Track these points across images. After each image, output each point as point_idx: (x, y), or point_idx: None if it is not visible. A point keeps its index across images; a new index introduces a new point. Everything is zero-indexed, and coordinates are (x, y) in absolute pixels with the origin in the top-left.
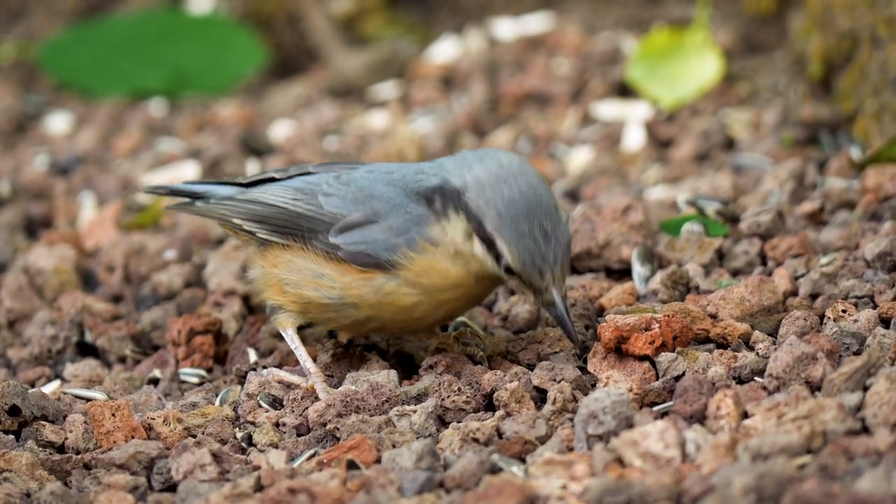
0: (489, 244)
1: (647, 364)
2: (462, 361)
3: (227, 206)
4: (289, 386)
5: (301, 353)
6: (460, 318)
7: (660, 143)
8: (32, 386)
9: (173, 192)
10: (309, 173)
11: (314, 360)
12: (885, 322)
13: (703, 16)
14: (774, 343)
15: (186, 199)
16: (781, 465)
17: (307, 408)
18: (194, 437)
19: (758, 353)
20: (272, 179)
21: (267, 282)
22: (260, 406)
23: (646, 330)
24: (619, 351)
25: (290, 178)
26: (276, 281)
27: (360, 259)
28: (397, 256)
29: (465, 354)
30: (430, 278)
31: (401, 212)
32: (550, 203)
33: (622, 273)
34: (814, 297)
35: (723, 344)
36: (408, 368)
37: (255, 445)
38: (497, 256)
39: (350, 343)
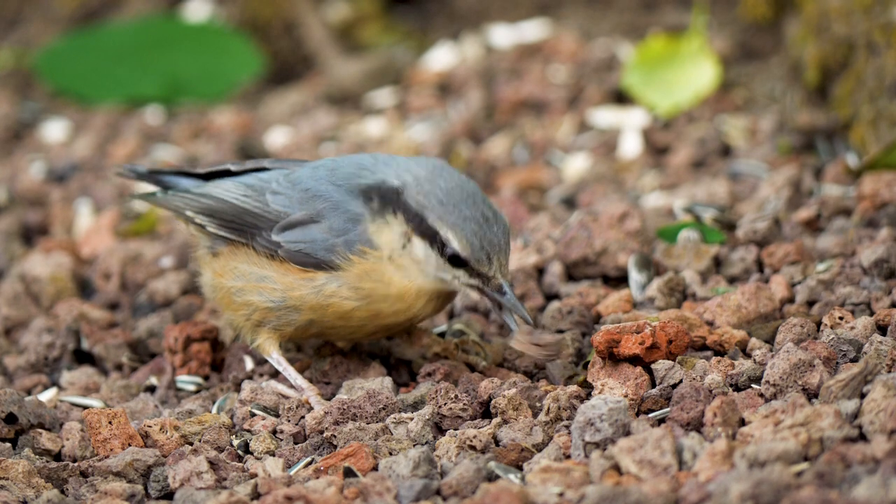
0: (432, 238)
1: (639, 369)
2: (460, 369)
3: (181, 199)
4: (285, 397)
5: (290, 372)
6: (458, 326)
7: (656, 150)
8: (29, 394)
9: (151, 180)
10: (264, 169)
11: (309, 367)
12: (881, 329)
13: (700, 22)
14: (771, 350)
15: (156, 189)
16: (778, 472)
17: (304, 416)
18: (191, 444)
19: (755, 361)
20: (228, 172)
21: (217, 294)
22: (256, 414)
23: (636, 332)
24: (613, 357)
25: (245, 172)
26: (225, 292)
27: (299, 258)
28: (335, 257)
29: (465, 363)
30: (371, 284)
31: (340, 211)
32: (484, 195)
33: (619, 280)
34: (811, 304)
35: (720, 351)
36: (406, 376)
37: (251, 453)
38: (441, 248)
39: (351, 350)
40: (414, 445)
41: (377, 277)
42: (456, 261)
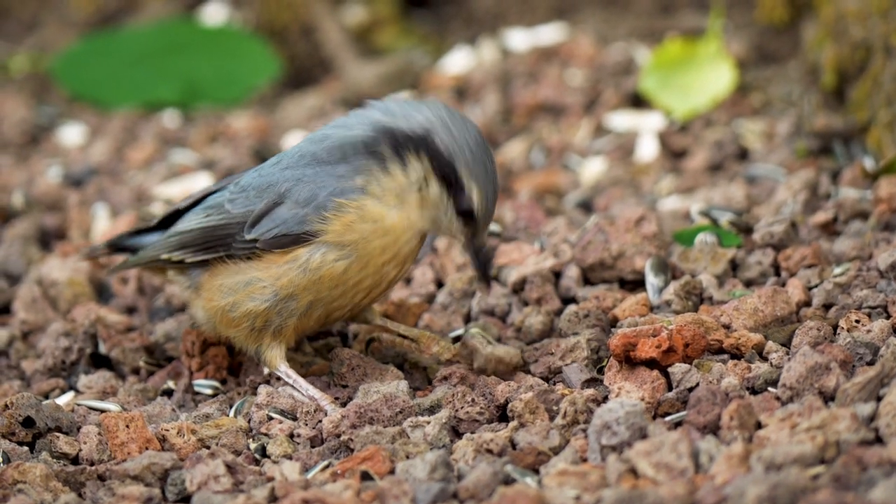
0: (451, 185)
1: (656, 373)
2: (476, 372)
3: (152, 249)
4: (302, 401)
5: (300, 384)
6: (474, 329)
7: (673, 154)
8: (46, 397)
9: (117, 248)
10: (211, 193)
11: (326, 373)
12: None
13: (716, 26)
14: (788, 353)
15: (127, 255)
16: (795, 475)
17: (321, 419)
18: (208, 448)
19: (771, 364)
20: (177, 212)
21: (214, 318)
22: (273, 417)
23: (653, 336)
24: (630, 360)
25: (194, 203)
26: (221, 313)
27: (276, 242)
28: (308, 226)
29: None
30: (357, 231)
31: (305, 183)
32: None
33: (636, 284)
34: (827, 307)
35: (736, 354)
36: (419, 380)
37: (268, 457)
38: (456, 197)
39: (367, 354)
40: (431, 449)
41: (363, 220)
42: (467, 213)
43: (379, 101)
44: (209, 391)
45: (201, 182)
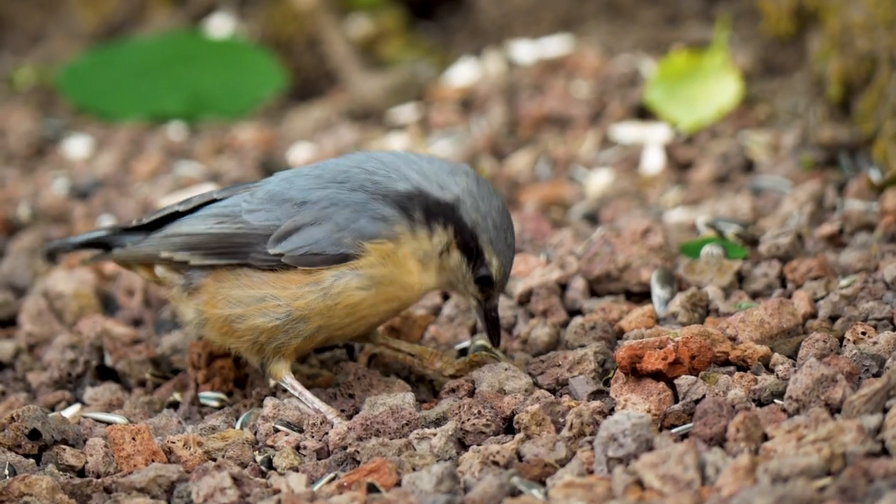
0: (471, 255)
1: (662, 384)
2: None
3: (150, 244)
4: (308, 413)
5: (306, 396)
6: (480, 342)
7: (679, 166)
8: (52, 410)
9: (79, 246)
10: (214, 200)
11: (331, 384)
12: None
13: (722, 38)
14: (794, 365)
15: (97, 251)
16: (801, 487)
17: (327, 431)
18: (214, 460)
19: (777, 376)
20: (176, 214)
21: (210, 327)
22: (280, 430)
23: (659, 347)
24: (636, 372)
25: (196, 208)
26: (222, 322)
27: (305, 260)
28: (343, 248)
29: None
30: (388, 268)
31: (348, 209)
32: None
33: (642, 296)
34: (833, 319)
35: (742, 366)
36: (425, 392)
37: (275, 469)
38: (475, 266)
39: (373, 366)
40: (437, 461)
41: (397, 262)
42: (484, 281)
43: (415, 156)
44: (215, 403)
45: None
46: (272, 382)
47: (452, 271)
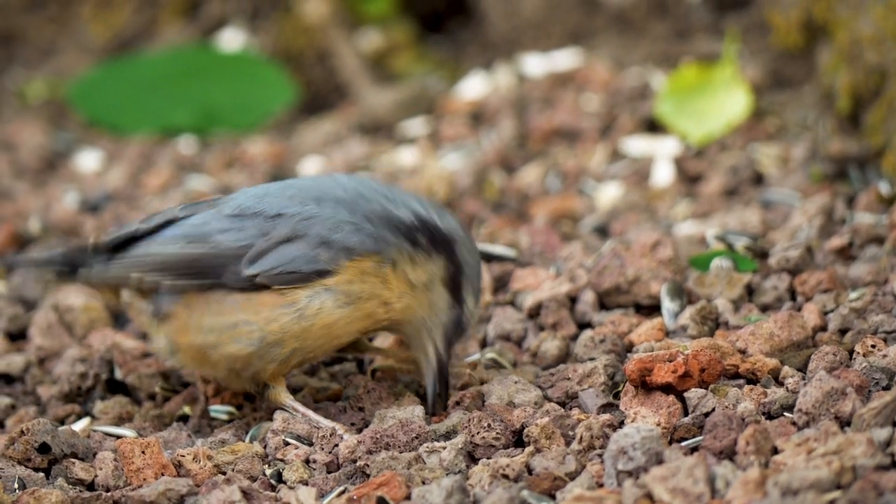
0: (451, 294)
1: (672, 397)
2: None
3: (118, 265)
4: (317, 427)
5: (310, 416)
6: (490, 355)
7: (689, 179)
8: (62, 423)
9: (41, 263)
10: (177, 218)
11: (340, 397)
12: None
13: (732, 51)
14: (804, 378)
15: (60, 270)
16: (811, 500)
17: (337, 444)
18: (224, 473)
19: (787, 389)
20: (134, 236)
21: (184, 356)
22: (290, 443)
23: (669, 361)
24: (646, 385)
25: (158, 228)
26: (195, 351)
27: (280, 279)
28: (321, 265)
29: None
30: (367, 283)
31: (328, 222)
32: None
33: (651, 309)
34: (843, 332)
35: (752, 379)
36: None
37: (284, 482)
38: (452, 307)
39: (382, 378)
40: (447, 474)
41: (383, 279)
42: (457, 325)
43: (406, 193)
44: (225, 416)
45: None
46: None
47: (431, 306)
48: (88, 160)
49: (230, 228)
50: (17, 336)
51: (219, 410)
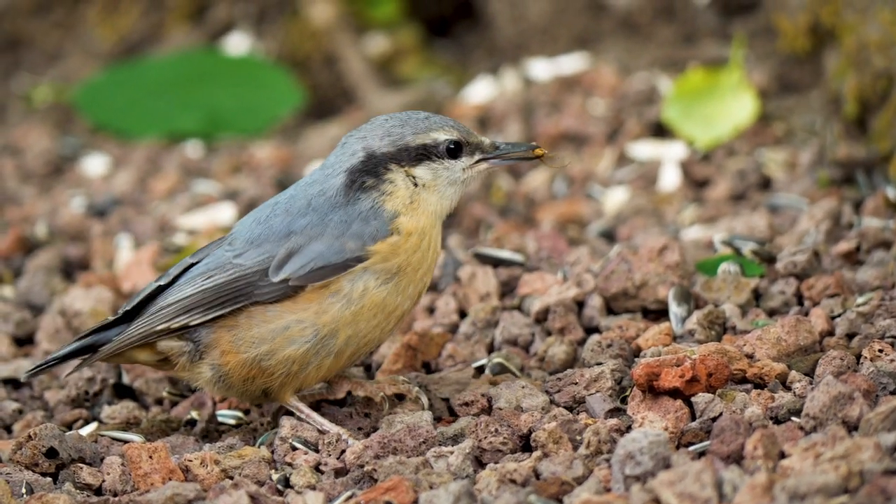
0: (423, 155)
1: (679, 402)
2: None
3: (141, 325)
4: (322, 432)
5: (314, 418)
6: (497, 359)
7: (696, 183)
8: (70, 428)
9: (63, 359)
10: (192, 265)
11: (345, 403)
12: None
13: (739, 56)
14: (811, 383)
15: (79, 359)
16: None
17: (344, 449)
18: (231, 478)
19: (795, 393)
20: (159, 288)
21: (237, 376)
22: (297, 448)
23: (676, 365)
24: (653, 390)
25: (178, 277)
26: (250, 366)
27: (314, 276)
28: (349, 254)
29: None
30: (403, 250)
31: (331, 216)
32: None
33: (659, 313)
34: (850, 336)
35: (759, 384)
36: (444, 410)
37: (292, 487)
38: (436, 155)
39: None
40: (454, 479)
41: (401, 245)
42: (455, 150)
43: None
44: (232, 421)
45: (224, 212)
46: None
47: (436, 177)
48: (95, 165)
49: (247, 251)
50: (25, 340)
51: (226, 415)
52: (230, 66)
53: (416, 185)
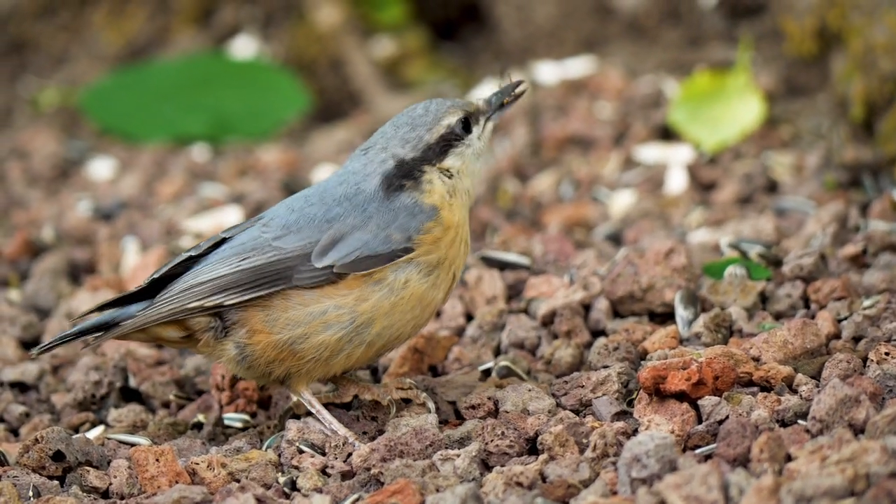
0: (446, 144)
1: (686, 405)
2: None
3: (172, 300)
4: (329, 434)
5: (324, 415)
6: (503, 363)
7: (702, 187)
8: (76, 431)
9: (80, 334)
10: (224, 240)
11: (352, 406)
12: None
13: (745, 59)
14: (817, 386)
15: (98, 332)
16: None
17: (351, 453)
18: (238, 481)
19: (801, 396)
20: (189, 259)
21: (260, 356)
22: (304, 451)
23: (683, 368)
24: (659, 393)
25: (209, 250)
26: (282, 348)
27: (360, 265)
28: (396, 244)
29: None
30: (441, 250)
31: (379, 211)
32: None
33: (665, 316)
34: (857, 339)
35: (766, 387)
36: (450, 413)
37: (298, 490)
38: (455, 137)
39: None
40: (461, 482)
41: (442, 238)
42: (466, 124)
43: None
44: (239, 424)
45: (231, 215)
46: (293, 399)
47: (465, 159)
48: (101, 168)
49: (287, 234)
50: (32, 344)
51: (233, 418)
52: (236, 69)
53: (450, 176)
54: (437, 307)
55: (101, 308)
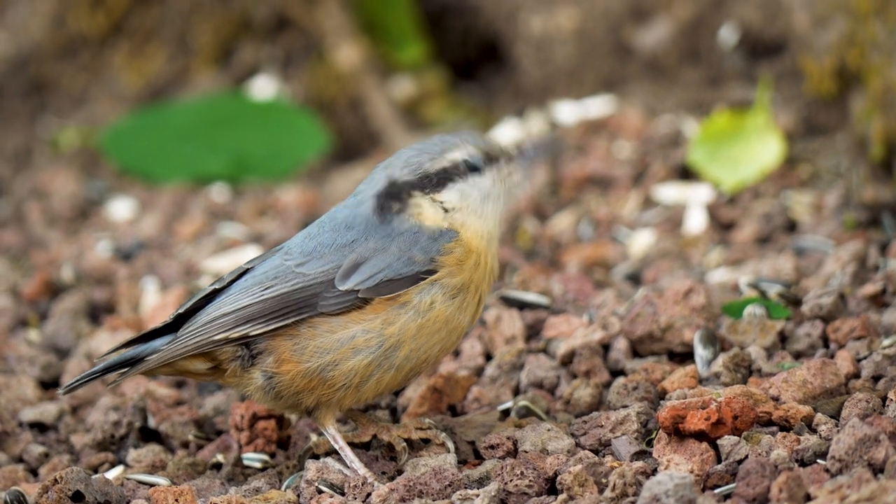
0: (446, 178)
1: (705, 445)
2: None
3: (197, 333)
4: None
5: (347, 453)
6: (523, 402)
7: (721, 226)
8: (96, 472)
9: (106, 370)
10: (247, 271)
11: (371, 446)
12: None
13: (764, 98)
14: (837, 425)
15: (123, 370)
16: None
17: (370, 493)
18: None
19: (820, 436)
20: (214, 292)
21: (296, 385)
22: (323, 491)
23: (702, 408)
24: (678, 432)
25: (232, 282)
26: (311, 377)
27: (384, 288)
28: (419, 266)
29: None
30: (466, 265)
31: (398, 233)
32: None
33: (684, 356)
34: (876, 379)
35: (785, 426)
36: (464, 453)
37: None
38: (458, 174)
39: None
40: None
41: (465, 260)
42: (477, 163)
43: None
44: (258, 465)
45: (250, 255)
46: (313, 438)
47: (465, 199)
48: (121, 208)
49: (309, 260)
50: (51, 384)
51: (252, 458)
52: (256, 109)
53: (445, 210)
54: (464, 331)
55: (126, 345)
